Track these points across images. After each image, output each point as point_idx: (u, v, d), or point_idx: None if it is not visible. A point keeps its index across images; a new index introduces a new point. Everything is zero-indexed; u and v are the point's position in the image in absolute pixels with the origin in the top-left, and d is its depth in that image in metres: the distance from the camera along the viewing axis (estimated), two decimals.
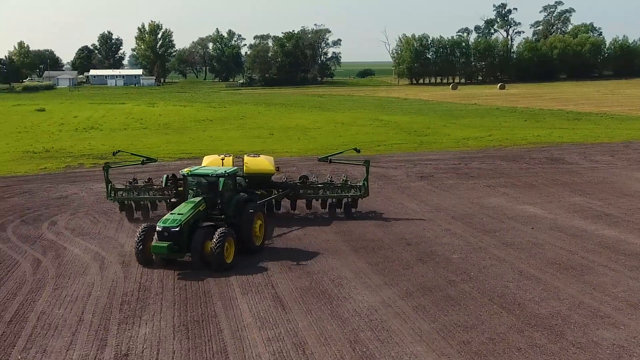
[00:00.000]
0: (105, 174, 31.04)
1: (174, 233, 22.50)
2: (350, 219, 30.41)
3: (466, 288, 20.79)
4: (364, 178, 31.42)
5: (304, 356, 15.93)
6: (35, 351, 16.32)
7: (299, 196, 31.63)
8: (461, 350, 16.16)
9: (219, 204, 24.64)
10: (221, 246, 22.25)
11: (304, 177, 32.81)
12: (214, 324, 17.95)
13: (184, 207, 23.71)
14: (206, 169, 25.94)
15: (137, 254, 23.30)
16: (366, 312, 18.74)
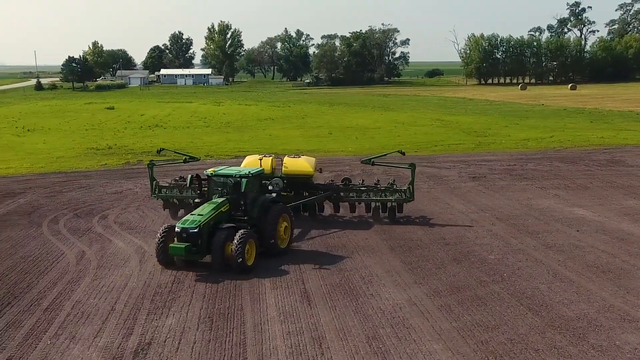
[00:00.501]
0: (150, 171, 31.68)
1: (192, 234, 22.10)
2: (394, 223, 29.44)
3: (496, 289, 20.64)
4: (409, 182, 30.11)
5: (320, 350, 16.16)
6: (65, 337, 17.04)
7: (340, 199, 30.91)
8: (477, 349, 16.11)
9: (242, 205, 24.12)
10: (242, 248, 21.78)
11: (347, 180, 32.31)
12: (239, 317, 18.36)
13: (205, 208, 23.34)
14: (230, 170, 25.38)
15: (158, 254, 22.93)
16: (390, 310, 18.84)
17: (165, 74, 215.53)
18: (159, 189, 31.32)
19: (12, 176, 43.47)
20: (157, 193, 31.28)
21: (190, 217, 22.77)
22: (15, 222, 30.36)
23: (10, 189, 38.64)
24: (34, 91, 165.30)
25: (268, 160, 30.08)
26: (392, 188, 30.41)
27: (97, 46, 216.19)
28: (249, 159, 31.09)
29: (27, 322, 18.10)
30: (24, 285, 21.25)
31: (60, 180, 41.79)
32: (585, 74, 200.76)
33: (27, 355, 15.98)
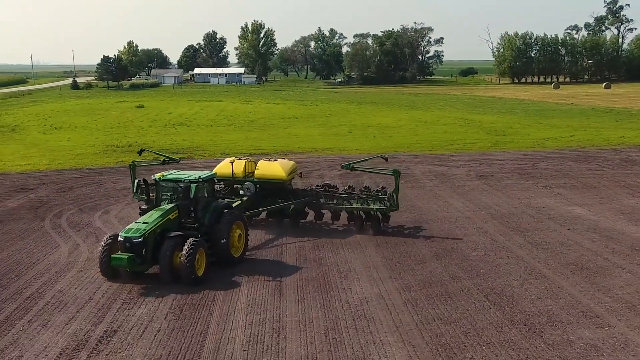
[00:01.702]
0: (132, 172, 30.59)
1: (136, 244, 20.67)
2: (378, 234, 27.29)
3: (468, 284, 20.93)
4: (393, 190, 27.76)
5: (277, 340, 16.69)
6: (38, 324, 17.84)
7: (320, 206, 29.09)
8: (430, 342, 16.47)
9: (192, 211, 22.63)
10: (192, 258, 20.53)
11: (327, 185, 30.68)
12: (208, 308, 18.99)
13: (151, 215, 21.91)
14: (179, 174, 23.56)
15: (101, 265, 21.36)
16: (357, 303, 19.28)
17: (198, 73, 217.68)
18: (138, 188, 29.30)
19: (30, 172, 44.71)
20: (139, 194, 29.62)
21: (135, 226, 21.35)
22: (21, 215, 31.39)
23: (25, 184, 39.81)
24: (70, 90, 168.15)
25: (241, 163, 29.16)
26: (376, 195, 28.29)
27: (132, 46, 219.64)
28: (223, 162, 29.93)
29: (7, 309, 18.95)
30: (12, 276, 22.16)
31: (75, 176, 42.88)
32: (622, 73, 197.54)
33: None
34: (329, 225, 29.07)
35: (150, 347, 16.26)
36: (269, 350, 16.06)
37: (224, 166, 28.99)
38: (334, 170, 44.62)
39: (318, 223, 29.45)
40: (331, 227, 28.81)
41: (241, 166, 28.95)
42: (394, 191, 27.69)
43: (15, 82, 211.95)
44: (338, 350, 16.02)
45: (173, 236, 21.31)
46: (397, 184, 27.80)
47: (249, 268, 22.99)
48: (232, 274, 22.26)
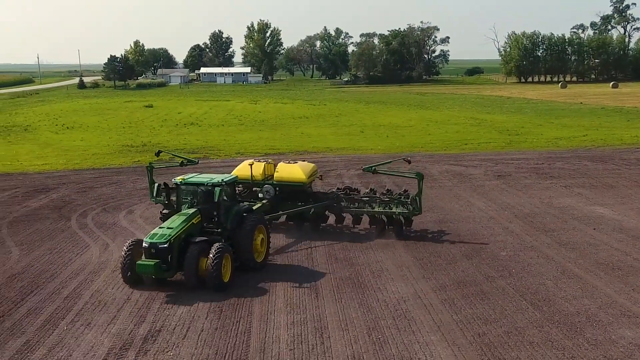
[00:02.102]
0: (149, 174, 30.12)
1: (162, 250, 20.12)
2: (400, 238, 26.69)
3: (502, 284, 21.03)
4: (416, 193, 26.88)
5: (321, 339, 16.81)
6: (81, 324, 17.97)
7: (341, 209, 28.51)
8: (474, 341, 16.58)
9: (215, 216, 22.14)
10: (219, 264, 20.08)
11: (348, 188, 29.93)
12: (247, 308, 19.11)
13: (175, 220, 21.28)
14: (201, 177, 23.19)
15: (124, 272, 20.86)
16: (394, 303, 19.39)
17: (205, 73, 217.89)
18: (158, 192, 29.51)
19: (48, 172, 44.86)
20: (156, 197, 29.55)
21: (159, 231, 20.71)
22: (45, 215, 31.54)
23: (45, 184, 39.97)
24: (77, 89, 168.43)
25: (260, 166, 28.60)
26: (398, 199, 27.64)
27: (138, 45, 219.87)
28: (241, 165, 29.28)
29: (47, 309, 19.10)
30: (47, 275, 22.30)
31: (93, 176, 43.04)
32: (629, 72, 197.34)
33: (43, 340, 16.92)
34: (350, 229, 28.58)
35: (197, 347, 16.38)
36: (314, 350, 16.17)
37: (243, 168, 28.40)
38: (351, 170, 44.75)
39: (339, 227, 28.93)
40: (352, 231, 28.37)
41: (260, 168, 28.46)
42: (417, 194, 26.82)
43: (21, 81, 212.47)
44: (383, 350, 16.13)
45: (198, 241, 20.83)
46: (420, 187, 26.81)
47: (281, 268, 23.15)
48: (266, 274, 22.37)
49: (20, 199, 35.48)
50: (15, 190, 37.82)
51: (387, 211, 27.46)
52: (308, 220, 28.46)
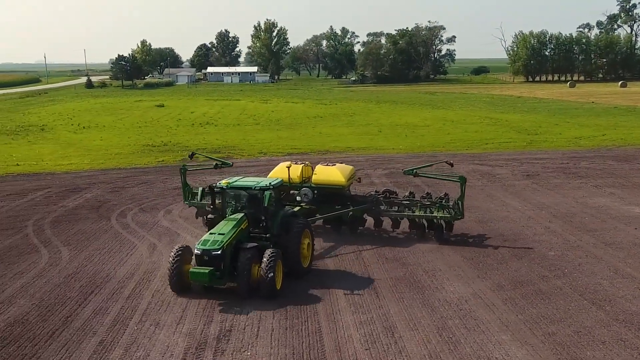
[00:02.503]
0: (182, 177, 29.88)
1: (215, 257, 19.68)
2: (442, 242, 26.25)
3: (558, 283, 21.12)
4: (458, 197, 26.44)
5: (393, 339, 16.91)
6: (149, 324, 18.07)
7: (380, 213, 27.94)
8: (545, 340, 16.68)
9: (263, 221, 21.68)
10: (273, 270, 19.58)
11: (388, 191, 29.25)
12: (312, 307, 19.22)
13: (224, 226, 20.78)
14: (248, 181, 22.62)
15: (172, 279, 20.35)
16: (456, 302, 19.50)
17: (212, 72, 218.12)
18: (192, 195, 29.59)
19: (75, 172, 45.01)
20: (190, 200, 29.57)
21: (211, 237, 20.23)
22: (85, 215, 31.66)
23: (75, 184, 40.10)
24: (85, 89, 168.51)
25: (297, 168, 27.95)
26: (440, 203, 27.11)
27: (145, 45, 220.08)
28: (278, 167, 28.67)
29: (112, 309, 19.21)
30: (103, 275, 22.40)
31: (121, 176, 43.15)
32: (636, 71, 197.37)
33: (117, 340, 17.03)
34: (389, 233, 28.13)
35: (272, 346, 16.48)
36: (390, 349, 16.27)
37: (280, 171, 27.74)
38: (377, 169, 44.84)
39: (377, 230, 28.40)
40: (391, 235, 27.85)
41: (298, 171, 27.77)
42: (459, 198, 26.30)
43: (28, 81, 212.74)
44: (457, 349, 16.24)
45: (249, 247, 20.30)
46: (463, 190, 26.38)
47: (331, 269, 23.24)
48: (318, 275, 22.49)
49: (55, 199, 35.60)
50: (48, 190, 37.95)
51: (428, 215, 26.89)
52: (346, 223, 28.01)
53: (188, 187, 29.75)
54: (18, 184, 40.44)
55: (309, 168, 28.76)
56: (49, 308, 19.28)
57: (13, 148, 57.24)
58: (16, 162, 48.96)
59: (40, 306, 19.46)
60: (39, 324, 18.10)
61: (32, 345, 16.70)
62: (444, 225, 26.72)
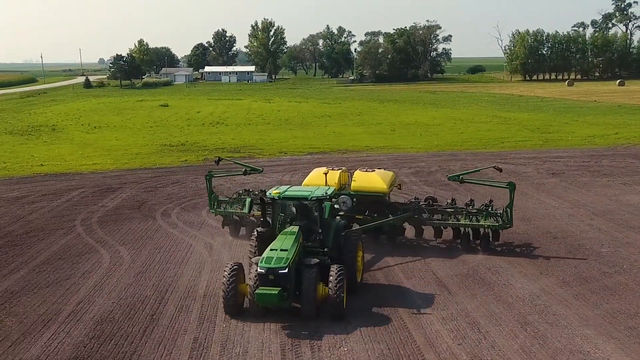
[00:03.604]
0: (208, 184, 28.54)
1: (282, 276, 17.93)
2: (487, 252, 25.01)
3: (622, 279, 21.59)
4: (507, 205, 25.11)
5: (480, 334, 17.32)
6: (235, 322, 18.36)
7: (423, 222, 26.53)
8: (630, 335, 17.15)
9: (320, 233, 20.15)
10: (342, 288, 18.15)
11: (431, 199, 27.73)
12: (390, 306, 19.58)
13: (284, 240, 19.07)
14: (301, 190, 21.29)
15: (227, 302, 18.66)
16: (529, 298, 19.94)
17: (209, 71, 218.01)
18: (218, 203, 28.39)
19: (102, 172, 45.18)
20: (216, 208, 28.23)
21: (274, 254, 18.42)
22: (129, 215, 31.90)
23: (107, 184, 40.29)
24: (83, 89, 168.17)
25: (335, 174, 26.24)
26: (486, 211, 25.68)
27: (142, 44, 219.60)
28: (314, 173, 27.14)
29: (195, 307, 19.49)
30: (171, 274, 22.67)
31: (150, 176, 43.35)
32: (632, 70, 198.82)
33: (210, 337, 17.34)
34: (429, 242, 26.76)
35: (365, 342, 16.83)
36: (481, 344, 16.68)
37: (317, 177, 26.13)
38: (403, 169, 45.17)
39: (417, 240, 27.09)
40: (432, 245, 26.53)
41: (335, 177, 25.99)
42: (508, 205, 24.93)
43: (25, 81, 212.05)
44: (547, 344, 16.65)
45: (313, 264, 18.73)
46: (512, 197, 25.04)
47: (392, 266, 23.59)
48: (378, 279, 22.86)
49: (92, 199, 35.80)
50: (82, 191, 38.13)
51: (475, 224, 25.49)
52: (385, 233, 26.51)
53: (214, 195, 28.41)
54: (49, 184, 40.57)
55: (346, 174, 27.30)
56: (131, 307, 19.56)
57: (31, 148, 57.31)
58: (40, 163, 49.04)
59: (121, 305, 19.73)
60: (126, 322, 18.40)
61: (128, 343, 17.01)
62: (490, 235, 25.44)
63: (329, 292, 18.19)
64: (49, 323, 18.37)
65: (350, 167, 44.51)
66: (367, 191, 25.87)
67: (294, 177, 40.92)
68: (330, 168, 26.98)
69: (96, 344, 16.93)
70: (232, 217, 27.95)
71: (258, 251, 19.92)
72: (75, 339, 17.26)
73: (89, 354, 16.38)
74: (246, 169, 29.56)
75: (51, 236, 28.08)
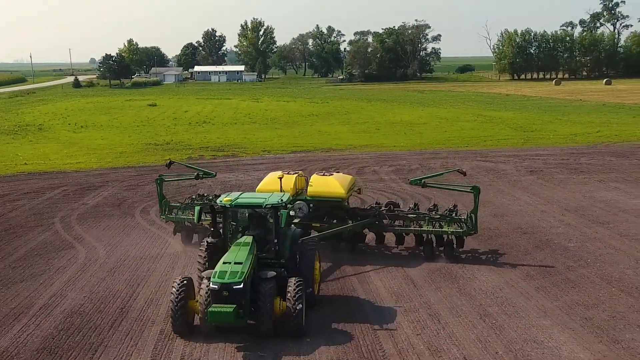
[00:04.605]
0: (159, 188, 27.15)
1: (238, 292, 16.40)
2: (452, 261, 23.77)
3: (584, 272, 22.15)
4: (471, 210, 23.96)
5: (438, 325, 17.82)
6: None
7: (383, 228, 25.31)
8: (584, 325, 17.69)
9: (275, 244, 18.65)
10: (302, 303, 16.89)
11: (392, 204, 26.57)
12: (354, 297, 20.07)
13: (238, 252, 17.47)
14: (254, 197, 19.54)
15: (176, 320, 17.13)
16: (491, 291, 20.49)
17: (199, 71, 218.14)
18: (170, 209, 27.02)
19: (85, 170, 45.51)
20: (167, 214, 26.92)
21: (228, 268, 16.82)
22: (108, 212, 32.32)
23: (89, 182, 40.65)
24: (73, 88, 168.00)
25: (290, 178, 24.65)
26: (450, 216, 24.56)
27: (132, 44, 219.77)
28: (268, 178, 25.61)
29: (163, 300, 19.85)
30: (144, 269, 23.15)
31: (132, 174, 43.71)
32: (620, 69, 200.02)
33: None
34: (391, 249, 25.69)
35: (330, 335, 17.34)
36: (439, 334, 17.20)
37: (271, 182, 24.58)
38: (383, 166, 45.68)
39: (378, 247, 25.97)
40: (394, 252, 25.43)
41: (291, 182, 24.43)
42: (473, 211, 23.85)
43: (14, 81, 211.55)
44: (503, 334, 17.17)
45: (270, 278, 17.22)
46: (477, 202, 23.86)
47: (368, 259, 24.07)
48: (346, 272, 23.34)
49: (73, 197, 36.17)
50: (64, 189, 38.48)
51: (438, 230, 24.34)
52: (344, 239, 25.12)
53: (165, 200, 27.18)
54: (32, 182, 40.90)
55: (303, 179, 25.80)
56: (102, 300, 20.02)
57: (16, 147, 57.50)
58: (24, 162, 49.31)
59: (93, 299, 20.18)
60: (96, 315, 18.85)
61: (96, 334, 17.45)
62: (454, 242, 24.40)
63: (287, 307, 16.86)
64: (20, 316, 18.81)
65: (332, 166, 45.47)
66: (325, 196, 24.48)
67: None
68: (286, 172, 25.33)
69: (64, 336, 17.37)
70: (184, 223, 26.41)
71: (208, 264, 18.42)
72: (44, 331, 17.70)
73: (57, 345, 16.83)
74: (198, 173, 28.18)
75: (30, 233, 28.47)
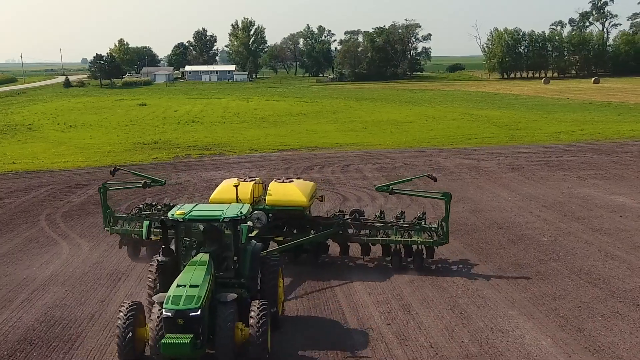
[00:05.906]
0: (102, 198, 25.14)
1: (194, 319, 14.46)
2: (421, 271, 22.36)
3: (555, 266, 22.80)
4: (442, 218, 22.50)
5: (410, 315, 18.41)
6: None
7: (348, 238, 23.63)
8: (549, 315, 18.33)
9: (235, 261, 16.66)
10: (266, 328, 15.20)
11: (357, 212, 24.53)
12: (329, 290, 20.68)
13: (194, 273, 15.39)
14: (210, 210, 17.29)
15: (122, 350, 15.10)
16: (463, 283, 21.10)
17: (190, 71, 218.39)
18: (114, 220, 25.15)
19: (73, 169, 45.91)
20: (112, 225, 24.87)
21: (183, 292, 14.81)
22: (93, 210, 32.74)
23: (76, 181, 41.07)
24: (63, 88, 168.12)
25: (247, 186, 22.87)
26: (419, 225, 22.92)
27: (123, 44, 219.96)
28: (223, 186, 23.93)
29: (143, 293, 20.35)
30: (126, 264, 23.71)
31: (119, 172, 43.84)
32: (608, 68, 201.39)
33: None
34: (355, 260, 24.16)
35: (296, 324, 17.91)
36: (409, 324, 17.79)
37: (226, 190, 22.82)
38: (368, 164, 46.21)
39: (343, 258, 24.31)
40: (358, 264, 23.93)
41: (248, 190, 22.67)
42: (444, 219, 22.34)
43: (4, 81, 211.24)
44: (470, 324, 17.80)
45: (230, 301, 15.28)
46: (448, 210, 22.34)
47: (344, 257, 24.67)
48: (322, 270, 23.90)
49: (60, 195, 36.62)
50: (51, 187, 38.92)
51: (407, 239, 22.79)
52: (307, 252, 23.62)
53: (110, 211, 25.25)
54: (19, 181, 41.33)
55: (260, 186, 24.11)
56: (83, 294, 20.55)
57: (4, 147, 57.84)
58: (12, 161, 49.71)
59: (74, 292, 20.71)
60: (77, 307, 19.38)
61: (76, 326, 17.98)
62: (424, 252, 22.91)
63: (249, 333, 15.03)
64: (2, 310, 19.32)
65: (316, 164, 46.06)
66: (285, 205, 22.83)
67: (260, 173, 41.72)
68: (242, 179, 23.59)
69: (45, 327, 17.90)
70: (131, 236, 24.34)
71: (159, 285, 16.46)
72: (25, 324, 18.22)
73: (38, 337, 17.35)
74: (146, 181, 26.34)
75: (15, 230, 28.97)
